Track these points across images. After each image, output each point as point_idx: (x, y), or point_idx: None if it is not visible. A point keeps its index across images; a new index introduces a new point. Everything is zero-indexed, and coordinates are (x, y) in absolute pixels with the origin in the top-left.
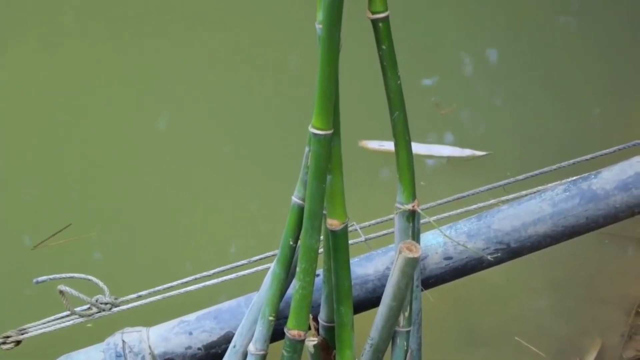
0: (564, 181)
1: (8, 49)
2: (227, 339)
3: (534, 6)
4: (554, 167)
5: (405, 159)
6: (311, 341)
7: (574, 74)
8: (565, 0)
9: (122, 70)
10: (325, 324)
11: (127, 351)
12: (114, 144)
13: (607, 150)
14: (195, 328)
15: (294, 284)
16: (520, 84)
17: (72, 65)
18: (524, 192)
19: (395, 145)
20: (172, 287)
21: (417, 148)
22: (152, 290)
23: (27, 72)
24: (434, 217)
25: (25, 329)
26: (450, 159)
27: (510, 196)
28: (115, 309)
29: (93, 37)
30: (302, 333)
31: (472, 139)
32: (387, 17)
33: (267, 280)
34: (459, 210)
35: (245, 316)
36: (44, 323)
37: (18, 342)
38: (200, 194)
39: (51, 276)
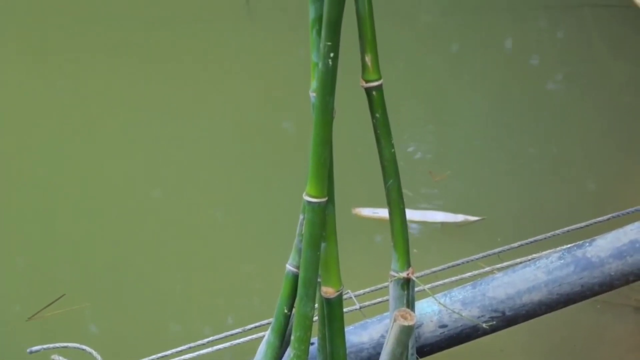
0: (558, 249)
1: None
2: None
3: (528, 74)
4: (548, 234)
5: (399, 227)
6: None
7: (567, 141)
8: (556, 67)
9: (116, 140)
10: None
11: None
12: (107, 213)
13: (601, 218)
14: None
15: (289, 353)
16: (514, 150)
17: (62, 135)
18: (518, 260)
19: (390, 213)
20: (166, 356)
21: (411, 214)
22: (146, 359)
23: (17, 139)
24: (429, 285)
25: None
26: (444, 225)
27: (505, 264)
28: None
29: (91, 102)
30: None
31: (466, 205)
32: (380, 86)
33: (262, 348)
34: (453, 278)
35: None
36: None
37: None
38: (193, 262)
39: (45, 346)
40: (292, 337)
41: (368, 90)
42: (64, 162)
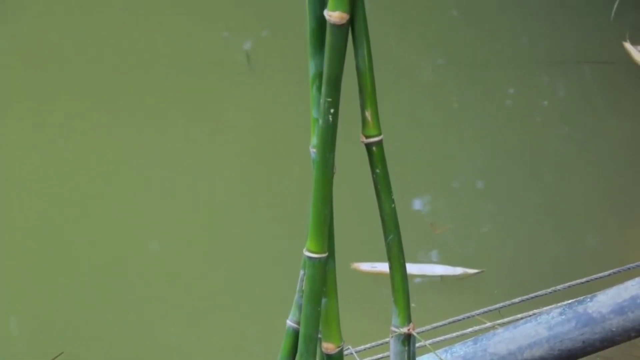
0: (559, 304)
1: None
2: None
3: (528, 129)
4: (549, 290)
5: (400, 282)
6: None
7: (567, 196)
8: (557, 123)
9: (113, 192)
10: None
11: None
12: (106, 270)
13: (602, 274)
14: None
15: None
16: (514, 203)
17: (59, 187)
18: (519, 315)
19: (390, 267)
20: None
21: (410, 268)
22: None
23: (19, 199)
24: (430, 340)
25: None
26: (443, 278)
27: (506, 319)
28: None
29: (89, 159)
30: None
31: (465, 257)
32: (380, 141)
33: None
34: (454, 334)
35: None
36: None
37: None
38: (193, 319)
39: None
40: None
41: (368, 146)
42: (61, 214)
